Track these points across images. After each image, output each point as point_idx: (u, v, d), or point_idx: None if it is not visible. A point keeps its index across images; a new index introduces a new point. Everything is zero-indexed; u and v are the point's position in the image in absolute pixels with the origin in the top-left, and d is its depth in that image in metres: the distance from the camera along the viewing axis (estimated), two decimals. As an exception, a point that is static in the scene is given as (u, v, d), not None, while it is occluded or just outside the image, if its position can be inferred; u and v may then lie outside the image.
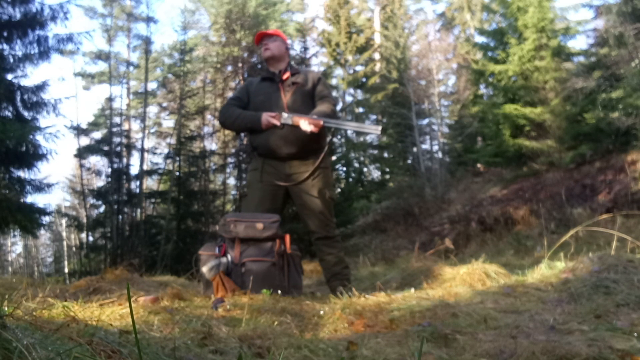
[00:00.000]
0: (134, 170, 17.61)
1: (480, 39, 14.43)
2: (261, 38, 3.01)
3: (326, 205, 2.87)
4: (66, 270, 18.74)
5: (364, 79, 17.52)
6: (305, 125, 2.68)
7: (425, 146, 17.18)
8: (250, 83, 3.04)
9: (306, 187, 2.83)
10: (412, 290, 2.48)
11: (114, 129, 14.46)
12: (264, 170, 2.85)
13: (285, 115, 2.77)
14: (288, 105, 2.84)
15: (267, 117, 2.78)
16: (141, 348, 1.02)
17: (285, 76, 2.93)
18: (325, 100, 2.92)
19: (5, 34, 9.21)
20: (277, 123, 2.76)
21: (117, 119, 14.94)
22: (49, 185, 9.90)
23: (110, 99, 15.03)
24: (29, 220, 8.97)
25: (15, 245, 25.66)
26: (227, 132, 14.77)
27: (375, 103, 17.10)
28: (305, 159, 2.85)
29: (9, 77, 9.32)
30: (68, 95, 12.99)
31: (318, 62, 17.90)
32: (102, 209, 15.14)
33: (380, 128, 2.79)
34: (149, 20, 15.40)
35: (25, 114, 9.38)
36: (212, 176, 16.18)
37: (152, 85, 18.68)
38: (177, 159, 14.12)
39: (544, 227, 6.98)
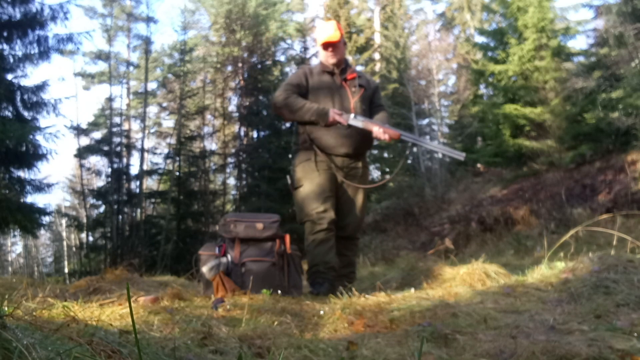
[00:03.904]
0: (134, 170, 17.60)
1: (480, 39, 14.42)
2: (328, 44, 2.91)
3: (365, 207, 2.96)
4: (66, 270, 18.75)
5: (364, 79, 17.50)
6: (381, 133, 2.69)
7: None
8: (309, 72, 2.97)
9: (357, 184, 2.88)
10: (412, 290, 2.48)
11: (114, 129, 14.48)
12: (318, 160, 2.83)
13: (352, 116, 2.75)
14: (355, 107, 2.84)
15: (334, 115, 2.76)
16: (141, 348, 1.02)
17: (350, 75, 2.93)
18: (383, 109, 2.97)
19: (5, 34, 9.22)
20: (344, 123, 2.75)
21: (117, 119, 14.96)
22: (49, 185, 9.92)
23: (110, 99, 15.05)
24: (29, 220, 8.97)
25: (15, 245, 25.69)
26: (227, 132, 14.79)
27: (375, 103, 17.08)
28: (356, 159, 2.90)
29: (9, 77, 9.33)
30: (68, 95, 12.97)
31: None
32: (102, 209, 15.17)
33: (464, 154, 2.73)
34: (149, 20, 15.44)
35: (25, 114, 9.39)
36: (212, 176, 16.19)
37: (152, 85, 18.68)
38: (177, 159, 14.14)
39: (544, 227, 6.98)
